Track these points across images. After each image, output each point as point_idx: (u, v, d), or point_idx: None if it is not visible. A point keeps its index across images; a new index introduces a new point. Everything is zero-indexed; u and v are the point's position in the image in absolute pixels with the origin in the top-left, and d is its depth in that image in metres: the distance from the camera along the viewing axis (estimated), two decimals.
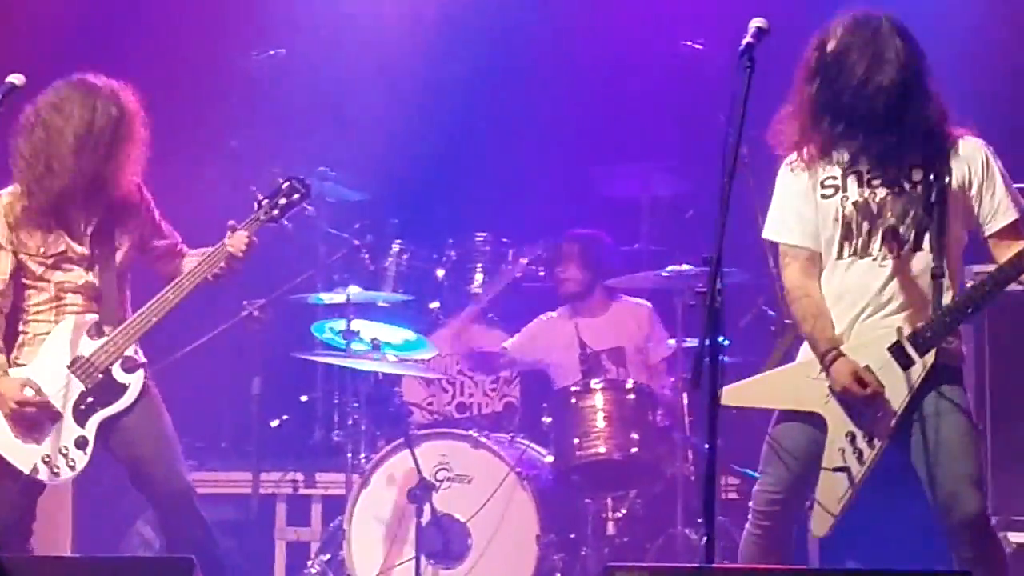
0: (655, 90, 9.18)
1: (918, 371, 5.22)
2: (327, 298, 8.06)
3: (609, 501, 7.49)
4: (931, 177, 5.27)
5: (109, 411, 5.87)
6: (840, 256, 5.36)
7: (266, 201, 6.12)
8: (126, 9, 9.13)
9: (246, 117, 8.95)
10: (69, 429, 5.85)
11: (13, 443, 5.84)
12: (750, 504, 5.53)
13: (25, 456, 5.84)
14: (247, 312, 7.74)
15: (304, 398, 9.08)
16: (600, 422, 7.37)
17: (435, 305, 8.70)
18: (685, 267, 7.53)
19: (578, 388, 7.53)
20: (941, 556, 5.45)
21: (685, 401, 7.60)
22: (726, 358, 4.90)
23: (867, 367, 5.23)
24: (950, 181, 5.26)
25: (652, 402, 7.50)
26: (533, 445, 7.68)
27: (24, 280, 5.97)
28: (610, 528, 7.43)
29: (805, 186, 5.40)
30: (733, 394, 5.59)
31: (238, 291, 7.46)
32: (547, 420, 7.76)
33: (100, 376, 5.88)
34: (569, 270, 8.31)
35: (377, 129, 9.15)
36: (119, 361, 5.89)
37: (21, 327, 5.98)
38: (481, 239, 8.74)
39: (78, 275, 5.96)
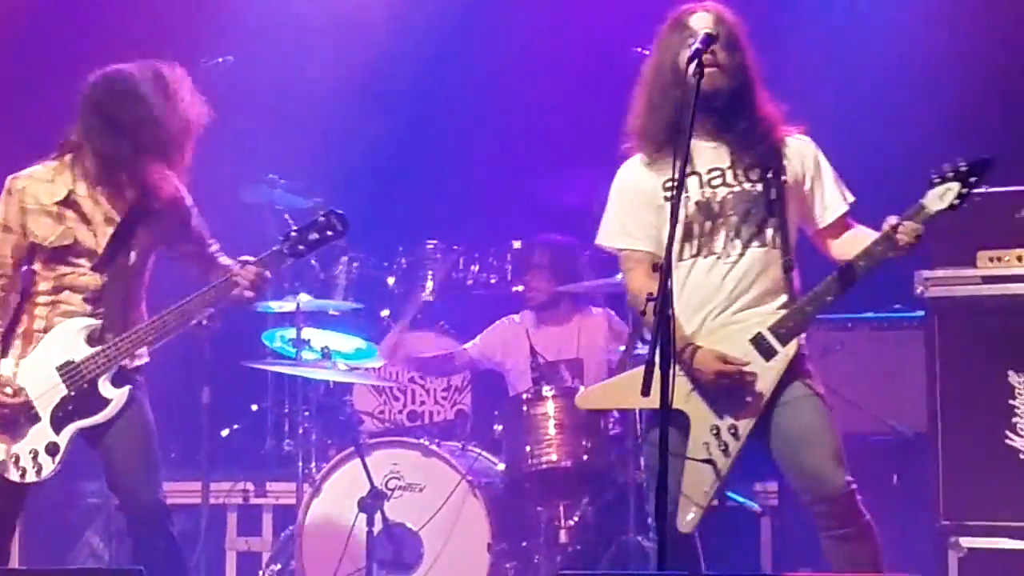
0: (606, 96, 9.13)
1: (782, 360, 5.34)
2: (277, 306, 8.01)
3: (561, 509, 7.46)
4: (768, 175, 5.41)
5: (86, 422, 5.76)
6: (681, 257, 5.42)
7: (295, 234, 5.89)
8: (71, 18, 9.06)
9: None
10: (43, 433, 5.75)
11: None
12: (648, 520, 5.56)
13: None
14: (196, 320, 7.67)
15: (254, 407, 9.04)
16: (551, 430, 7.34)
17: (386, 313, 8.68)
18: None
19: (529, 396, 7.51)
20: (896, 564, 5.46)
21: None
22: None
23: None
24: (786, 179, 5.42)
25: (604, 409, 7.47)
26: (485, 453, 7.67)
27: (33, 268, 5.86)
28: (562, 536, 7.41)
29: (646, 190, 5.47)
30: (589, 398, 5.60)
31: None
32: (499, 428, 7.75)
33: (85, 385, 5.76)
34: (537, 280, 8.23)
35: (327, 136, 9.14)
36: (108, 373, 5.77)
37: (24, 316, 5.86)
38: (432, 246, 8.70)
39: (82, 272, 5.82)
